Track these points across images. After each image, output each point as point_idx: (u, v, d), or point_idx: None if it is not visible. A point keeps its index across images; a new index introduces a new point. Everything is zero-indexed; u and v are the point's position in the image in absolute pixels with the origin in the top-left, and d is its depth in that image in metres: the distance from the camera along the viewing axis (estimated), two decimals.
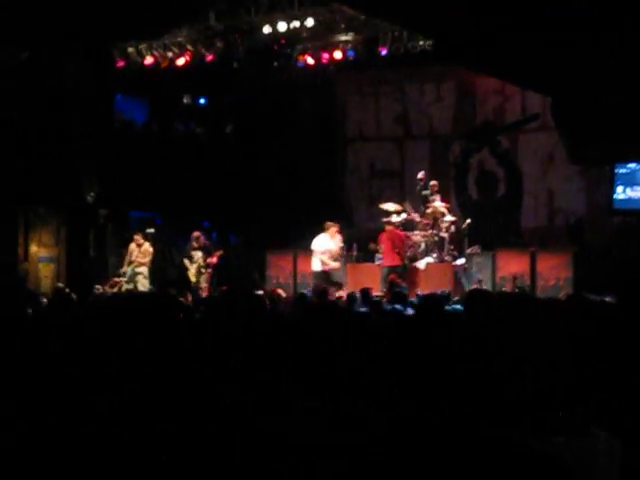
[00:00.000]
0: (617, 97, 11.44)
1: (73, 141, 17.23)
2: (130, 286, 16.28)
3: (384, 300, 10.20)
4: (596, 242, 17.48)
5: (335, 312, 5.17)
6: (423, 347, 3.53)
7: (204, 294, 15.70)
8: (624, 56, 10.69)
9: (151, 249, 16.84)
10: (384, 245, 15.39)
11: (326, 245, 15.75)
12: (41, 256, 17.71)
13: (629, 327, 3.90)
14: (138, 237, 16.80)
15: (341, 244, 15.92)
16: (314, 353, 3.22)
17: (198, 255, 16.67)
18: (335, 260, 15.75)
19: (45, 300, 9.91)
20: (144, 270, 16.70)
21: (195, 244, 16.73)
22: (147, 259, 16.77)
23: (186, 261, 16.82)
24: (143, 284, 16.52)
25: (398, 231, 15.45)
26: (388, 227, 15.50)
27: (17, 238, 17.18)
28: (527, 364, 2.02)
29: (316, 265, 15.78)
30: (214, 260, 16.71)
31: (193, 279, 16.65)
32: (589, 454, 1.98)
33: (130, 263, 16.69)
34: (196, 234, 16.83)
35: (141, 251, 16.70)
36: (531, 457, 1.91)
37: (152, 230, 17.64)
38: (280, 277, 17.87)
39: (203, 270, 16.64)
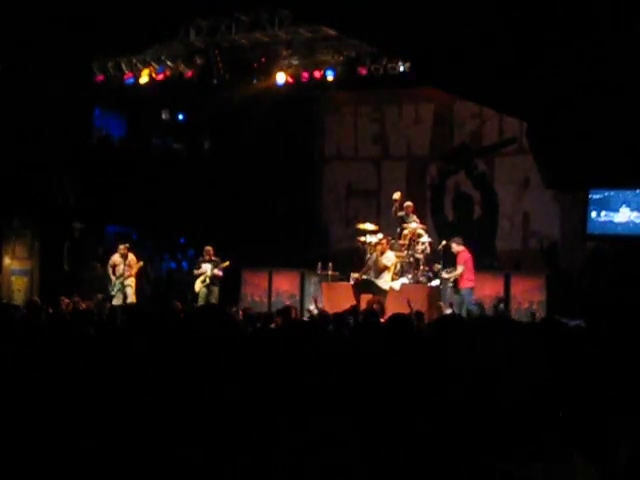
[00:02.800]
0: (592, 123, 11.56)
1: (50, 154, 17.15)
2: (119, 300, 16.01)
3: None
4: (570, 266, 17.60)
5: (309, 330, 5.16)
6: (392, 371, 3.54)
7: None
8: (599, 82, 10.81)
9: (135, 259, 16.66)
10: (465, 266, 15.13)
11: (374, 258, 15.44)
12: (14, 269, 17.59)
13: (600, 352, 3.94)
14: (123, 247, 16.58)
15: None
16: (290, 371, 3.23)
17: (207, 267, 16.73)
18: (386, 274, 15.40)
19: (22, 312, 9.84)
20: (132, 282, 16.51)
21: (206, 257, 16.86)
22: (134, 270, 16.58)
23: (195, 271, 16.97)
24: (132, 297, 16.35)
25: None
26: (459, 248, 15.21)
27: None
28: (505, 389, 2.04)
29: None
30: (220, 273, 16.71)
31: (197, 289, 16.80)
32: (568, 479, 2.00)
33: (119, 276, 16.43)
34: (208, 247, 16.96)
35: (127, 263, 16.51)
36: None
37: (127, 245, 17.56)
38: (255, 294, 17.87)
39: (208, 280, 16.68)
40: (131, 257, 16.61)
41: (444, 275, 15.26)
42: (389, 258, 15.37)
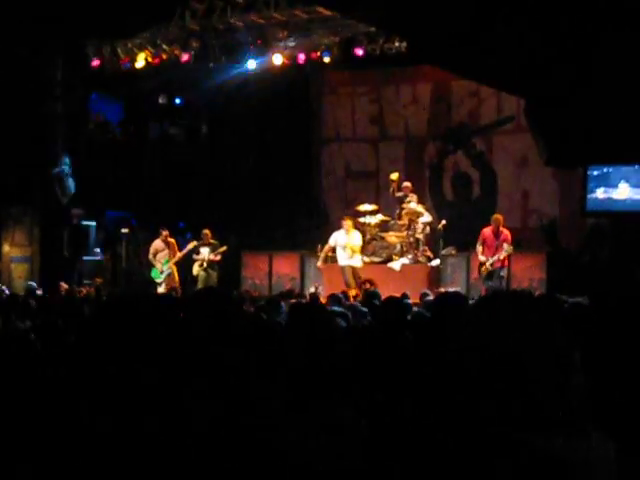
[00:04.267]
0: (590, 99, 11.53)
1: (47, 140, 17.12)
2: (162, 288, 15.91)
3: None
4: (569, 244, 17.61)
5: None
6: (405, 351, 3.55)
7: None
8: (598, 58, 10.78)
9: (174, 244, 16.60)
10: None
11: (342, 240, 15.56)
12: (14, 256, 17.59)
13: (603, 329, 3.94)
14: (165, 233, 16.58)
15: (359, 240, 15.62)
16: (297, 356, 3.22)
17: (205, 251, 16.69)
18: (354, 254, 15.55)
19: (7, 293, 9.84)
20: (174, 269, 16.58)
21: (204, 240, 16.83)
22: (179, 256, 16.59)
23: (194, 256, 16.92)
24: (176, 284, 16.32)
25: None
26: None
27: None
28: (523, 363, 2.03)
29: (341, 260, 15.58)
30: (217, 258, 16.70)
31: (194, 273, 16.78)
32: (588, 456, 1.99)
33: (165, 262, 16.40)
34: (205, 231, 16.92)
35: (171, 247, 16.51)
36: (535, 457, 1.92)
37: (126, 230, 17.56)
38: (255, 278, 17.87)
39: (205, 264, 16.65)
40: (172, 243, 16.62)
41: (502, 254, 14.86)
42: (357, 237, 15.51)
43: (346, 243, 15.44)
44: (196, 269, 16.81)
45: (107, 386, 2.87)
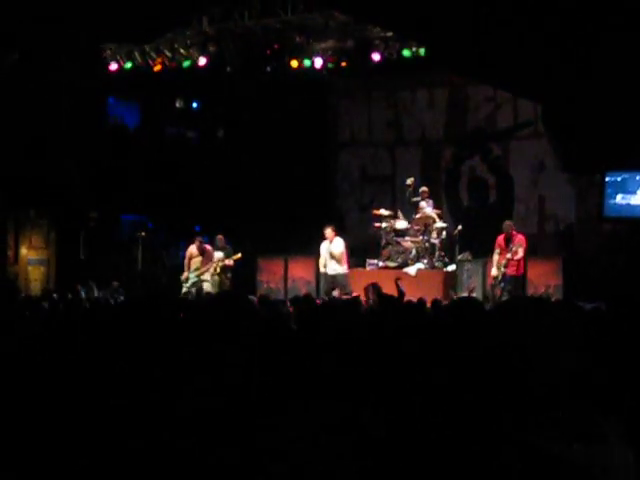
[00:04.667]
0: (609, 106, 11.49)
1: (64, 144, 17.19)
2: (192, 295, 15.75)
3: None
4: (586, 249, 17.53)
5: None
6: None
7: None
8: (616, 63, 10.74)
9: (211, 252, 16.55)
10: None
11: (325, 248, 15.78)
12: (31, 258, 17.66)
13: (621, 334, 3.92)
14: (198, 240, 16.54)
15: (342, 247, 15.81)
16: (311, 356, 3.22)
17: (219, 255, 16.70)
18: (338, 263, 15.68)
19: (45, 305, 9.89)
20: (209, 277, 16.47)
21: (218, 244, 16.84)
22: (217, 265, 16.54)
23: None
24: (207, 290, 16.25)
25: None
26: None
27: (7, 240, 17.14)
28: (543, 367, 2.02)
29: (329, 269, 15.84)
30: (230, 263, 16.69)
31: (207, 277, 16.69)
32: (607, 461, 1.98)
33: (195, 269, 16.38)
34: (219, 236, 16.94)
35: (206, 256, 16.44)
36: (553, 462, 1.92)
37: (143, 234, 17.60)
38: (271, 282, 17.88)
39: (219, 269, 16.62)
40: (209, 250, 16.56)
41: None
42: (338, 245, 15.76)
43: (330, 252, 15.67)
44: (209, 275, 16.76)
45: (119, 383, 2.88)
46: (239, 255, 16.68)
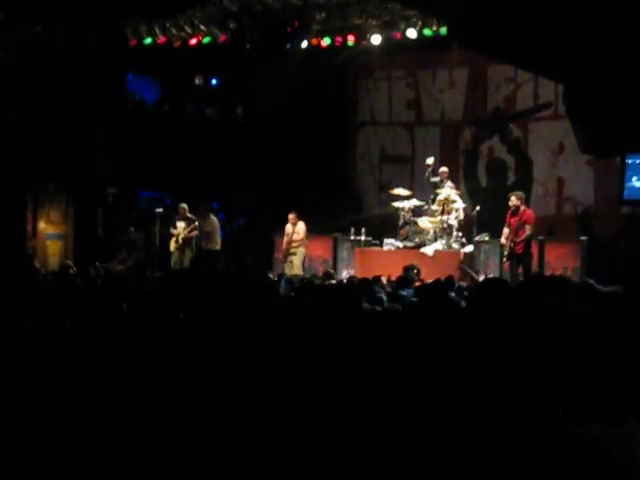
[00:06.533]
0: (632, 87, 11.38)
1: (84, 119, 17.20)
2: (287, 270, 15.85)
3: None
4: (604, 232, 17.44)
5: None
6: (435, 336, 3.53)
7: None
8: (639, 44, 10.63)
9: (304, 227, 16.65)
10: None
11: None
12: (49, 233, 17.74)
13: (638, 317, 3.90)
14: (292, 216, 16.63)
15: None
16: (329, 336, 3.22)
17: (181, 226, 16.76)
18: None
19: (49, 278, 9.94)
20: (300, 250, 16.60)
21: (181, 215, 16.90)
22: (302, 237, 16.62)
23: (171, 230, 16.96)
24: (297, 265, 16.39)
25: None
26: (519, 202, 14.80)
27: (25, 215, 17.20)
28: (563, 350, 2.02)
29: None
30: (191, 234, 16.73)
31: (172, 249, 16.80)
32: (624, 442, 1.97)
33: (286, 244, 16.55)
34: (183, 205, 16.96)
35: (296, 231, 16.56)
36: (577, 443, 1.91)
37: (160, 210, 17.63)
38: None
39: (180, 241, 16.70)
40: (300, 225, 16.64)
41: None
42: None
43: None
44: (172, 246, 16.82)
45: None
46: (196, 224, 16.72)
